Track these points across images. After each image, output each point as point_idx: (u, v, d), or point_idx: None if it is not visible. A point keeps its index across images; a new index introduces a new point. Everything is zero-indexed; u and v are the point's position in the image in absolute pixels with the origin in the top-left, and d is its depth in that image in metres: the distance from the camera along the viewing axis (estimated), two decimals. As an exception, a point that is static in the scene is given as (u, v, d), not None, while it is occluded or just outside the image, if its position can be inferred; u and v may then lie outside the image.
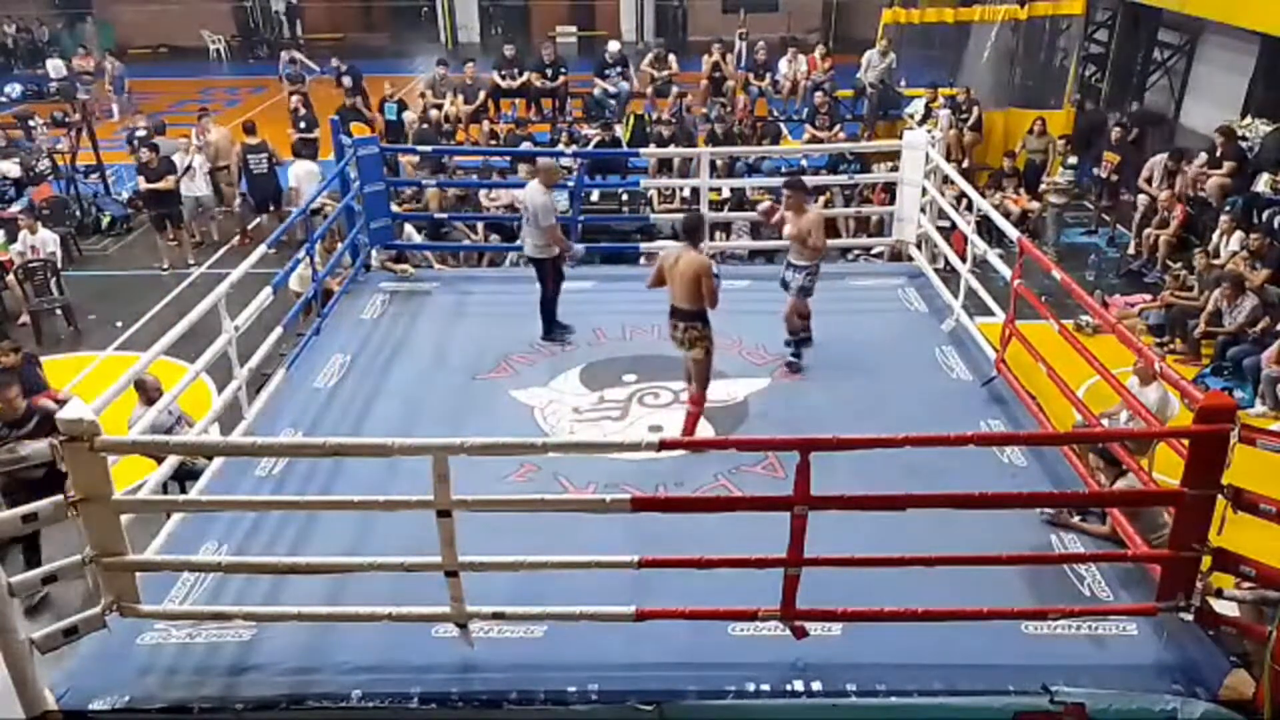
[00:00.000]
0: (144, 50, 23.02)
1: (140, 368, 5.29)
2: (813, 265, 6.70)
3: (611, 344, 7.28)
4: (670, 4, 23.36)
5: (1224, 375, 8.97)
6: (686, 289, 5.73)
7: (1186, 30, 15.11)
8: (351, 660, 4.30)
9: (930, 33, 14.38)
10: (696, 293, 5.70)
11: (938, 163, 8.38)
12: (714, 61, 14.36)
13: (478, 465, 4.98)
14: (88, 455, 3.77)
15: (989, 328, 7.06)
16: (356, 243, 8.41)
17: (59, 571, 3.96)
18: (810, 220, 6.58)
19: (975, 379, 6.65)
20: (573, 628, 4.26)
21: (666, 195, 11.58)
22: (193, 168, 11.98)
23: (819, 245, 6.62)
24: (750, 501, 4.51)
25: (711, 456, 5.64)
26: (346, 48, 19.87)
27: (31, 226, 10.46)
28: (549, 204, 7.09)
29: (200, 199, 12.23)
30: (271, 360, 6.82)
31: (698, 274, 5.67)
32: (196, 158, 12.10)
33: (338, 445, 4.21)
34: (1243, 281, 9.18)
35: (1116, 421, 6.60)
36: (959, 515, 4.12)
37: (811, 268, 6.70)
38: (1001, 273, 6.79)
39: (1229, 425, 3.87)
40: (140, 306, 10.67)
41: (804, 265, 6.69)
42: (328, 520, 5.14)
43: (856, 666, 4.24)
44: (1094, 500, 5.23)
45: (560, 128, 13.08)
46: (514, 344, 7.25)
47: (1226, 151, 11.08)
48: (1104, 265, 11.53)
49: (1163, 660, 4.28)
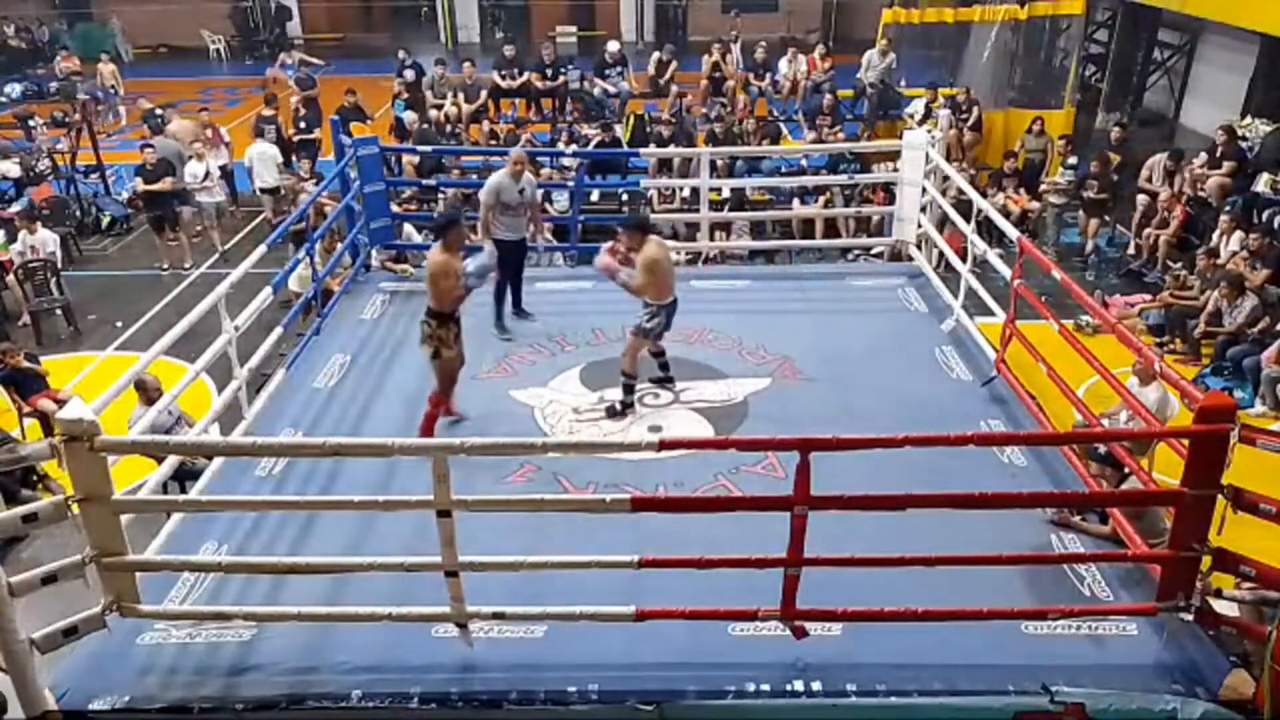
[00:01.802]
0: (144, 50, 23.03)
1: (140, 368, 5.29)
2: (653, 306, 6.15)
3: (611, 344, 7.26)
4: (670, 4, 23.35)
5: (1224, 375, 8.96)
6: (429, 287, 5.83)
7: (1186, 30, 15.14)
8: (351, 660, 4.30)
9: (930, 33, 14.38)
10: (438, 288, 5.76)
11: (938, 163, 8.39)
12: (714, 61, 14.36)
13: (478, 465, 5.02)
14: (88, 455, 3.77)
15: (989, 328, 7.06)
16: (356, 243, 8.41)
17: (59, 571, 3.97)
18: (638, 260, 6.08)
19: (975, 379, 6.65)
20: (573, 628, 4.26)
21: (666, 195, 11.58)
22: (211, 175, 11.92)
23: (637, 288, 6.12)
24: (750, 501, 4.51)
25: (711, 456, 5.64)
26: (346, 48, 19.95)
27: (31, 227, 10.46)
28: (490, 185, 7.27)
29: (219, 205, 12.18)
30: (271, 360, 6.82)
31: (432, 275, 5.75)
32: (213, 163, 12.06)
33: (338, 445, 4.21)
34: (1243, 281, 9.18)
35: (1116, 421, 6.60)
36: (959, 515, 4.12)
37: (652, 309, 6.16)
38: (1001, 273, 6.79)
39: (1229, 425, 3.87)
40: (140, 306, 10.67)
41: (645, 304, 6.21)
42: (328, 520, 5.14)
43: (856, 666, 4.24)
44: (1094, 500, 5.23)
45: (560, 128, 13.08)
46: (514, 344, 7.26)
47: (1226, 151, 11.08)
48: (1104, 265, 11.54)
49: (1163, 660, 4.28)
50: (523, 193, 7.30)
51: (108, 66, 17.73)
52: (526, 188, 7.33)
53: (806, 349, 7.06)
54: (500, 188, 7.24)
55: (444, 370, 5.89)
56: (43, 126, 13.80)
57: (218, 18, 22.94)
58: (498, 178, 7.30)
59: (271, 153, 12.46)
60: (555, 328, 7.41)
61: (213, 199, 12.05)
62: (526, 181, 7.36)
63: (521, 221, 7.41)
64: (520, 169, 7.27)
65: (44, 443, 6.18)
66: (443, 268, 5.69)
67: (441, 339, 5.77)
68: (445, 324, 5.77)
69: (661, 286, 6.14)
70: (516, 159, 7.30)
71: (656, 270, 6.06)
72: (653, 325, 6.19)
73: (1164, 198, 11.07)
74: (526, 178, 7.38)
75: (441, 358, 5.82)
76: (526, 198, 7.34)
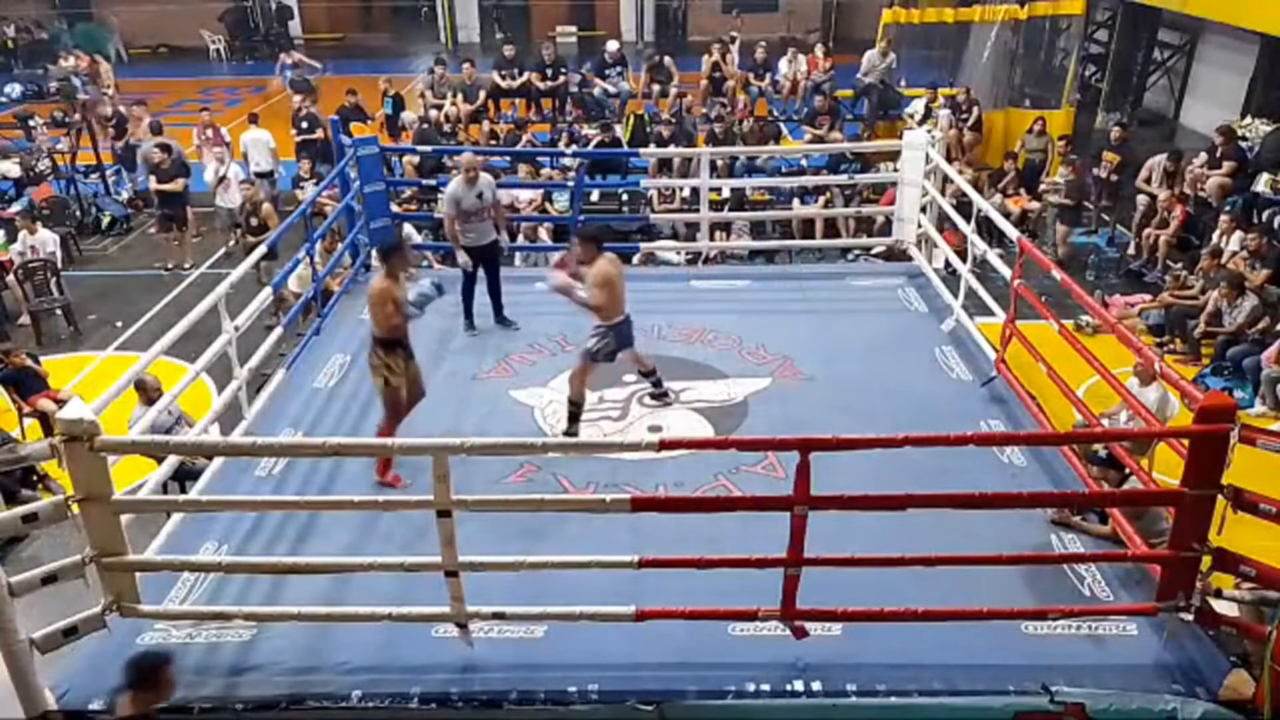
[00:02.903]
0: (144, 50, 23.02)
1: (140, 368, 5.30)
2: (602, 327, 5.95)
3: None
4: (670, 4, 23.35)
5: (1224, 375, 8.96)
6: (369, 314, 5.64)
7: (1186, 30, 15.15)
8: (351, 660, 4.31)
9: (930, 33, 14.36)
10: (376, 316, 5.53)
11: (938, 163, 8.39)
12: (714, 61, 14.36)
13: (478, 465, 5.02)
14: (88, 455, 3.78)
15: (989, 328, 7.06)
16: (356, 243, 8.42)
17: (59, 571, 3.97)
18: (590, 275, 5.87)
19: (975, 379, 6.65)
20: (573, 628, 4.25)
21: (666, 195, 11.58)
22: (227, 178, 11.85)
23: (596, 305, 5.90)
24: (750, 501, 4.51)
25: (711, 456, 5.64)
26: (346, 48, 19.92)
27: (31, 227, 10.46)
28: (447, 196, 7.25)
29: (234, 210, 11.98)
30: (271, 360, 6.82)
31: (371, 301, 5.53)
32: (232, 167, 12.00)
33: (338, 445, 4.22)
34: (1243, 281, 9.18)
35: (1116, 421, 6.60)
36: (959, 515, 4.12)
37: (601, 329, 5.96)
38: (1001, 273, 6.79)
39: (1229, 425, 3.88)
40: (140, 306, 10.67)
41: (595, 325, 6.01)
42: (328, 520, 5.14)
43: (856, 666, 4.25)
44: (1094, 500, 5.23)
45: (560, 128, 13.07)
46: (514, 344, 7.26)
47: (1226, 151, 11.08)
48: (1104, 265, 11.53)
49: (1163, 660, 4.28)
50: (481, 196, 7.25)
51: (103, 65, 17.72)
52: (485, 191, 7.28)
53: (806, 349, 7.06)
54: (457, 196, 7.20)
55: (390, 399, 5.63)
56: (43, 126, 13.79)
57: (216, 18, 22.93)
58: (453, 187, 7.26)
59: (264, 138, 12.58)
60: (555, 328, 7.41)
61: (226, 204, 11.96)
62: (485, 184, 7.31)
63: (487, 225, 7.36)
64: (474, 174, 7.22)
65: (44, 443, 6.16)
66: (381, 295, 5.44)
67: (390, 367, 5.53)
68: (391, 351, 5.55)
69: (613, 304, 5.95)
70: (468, 164, 7.24)
71: (611, 287, 5.87)
72: (600, 347, 5.97)
73: (1163, 198, 11.07)
74: (484, 180, 7.36)
75: (390, 386, 5.58)
76: (486, 201, 7.30)
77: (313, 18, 24.07)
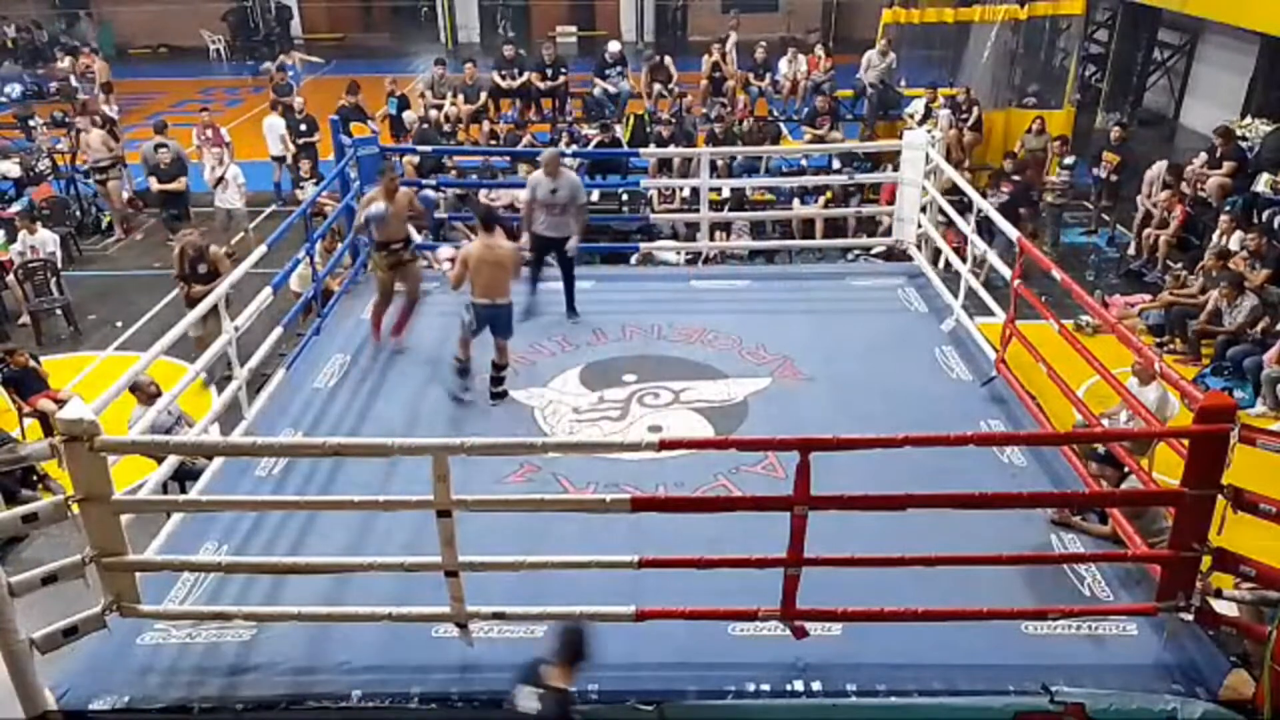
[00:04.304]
0: (144, 50, 23.02)
1: (140, 368, 5.29)
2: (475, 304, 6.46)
3: (611, 344, 7.28)
4: (670, 4, 23.35)
5: (1224, 375, 8.96)
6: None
7: (1186, 30, 15.15)
8: (351, 660, 4.31)
9: (930, 33, 14.36)
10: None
11: (938, 163, 8.39)
12: (714, 61, 14.35)
13: (478, 465, 5.02)
14: (88, 455, 3.77)
15: (989, 328, 7.06)
16: (356, 243, 8.41)
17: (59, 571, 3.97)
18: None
19: (975, 379, 6.65)
20: (573, 628, 4.25)
21: (666, 195, 11.58)
22: (225, 179, 11.84)
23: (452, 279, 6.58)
24: (750, 501, 4.51)
25: (711, 456, 5.64)
26: (346, 48, 19.89)
27: (31, 227, 10.45)
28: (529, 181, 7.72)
29: (232, 211, 12.00)
30: (271, 360, 6.82)
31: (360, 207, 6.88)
32: (232, 168, 11.99)
33: (338, 445, 4.21)
34: (1243, 281, 9.18)
35: (1116, 421, 6.60)
36: (959, 515, 4.12)
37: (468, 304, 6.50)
38: (1001, 273, 6.79)
39: (1229, 425, 3.88)
40: (140, 306, 10.66)
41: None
42: (328, 520, 5.14)
43: (856, 666, 4.25)
44: (1094, 500, 5.23)
45: (560, 128, 13.07)
46: (513, 344, 7.25)
47: (1226, 151, 11.07)
48: (1104, 265, 11.53)
49: (1163, 660, 4.28)
50: (555, 192, 7.47)
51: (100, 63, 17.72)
52: (563, 189, 7.49)
53: (806, 349, 7.06)
54: (534, 185, 7.58)
55: (380, 285, 7.24)
56: (43, 126, 13.79)
57: (217, 18, 22.93)
58: (534, 175, 7.65)
59: (278, 125, 12.93)
60: (555, 328, 7.41)
61: (224, 204, 11.93)
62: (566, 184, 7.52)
63: (562, 220, 7.51)
64: (554, 169, 7.48)
65: (44, 443, 6.17)
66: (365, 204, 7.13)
67: (375, 262, 7.29)
68: (379, 250, 7.15)
69: (479, 286, 6.36)
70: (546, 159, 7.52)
71: (469, 266, 6.36)
72: (468, 320, 6.49)
73: (1163, 198, 11.06)
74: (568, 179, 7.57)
75: (380, 275, 7.23)
76: (560, 198, 7.49)
77: (313, 18, 24.09)
